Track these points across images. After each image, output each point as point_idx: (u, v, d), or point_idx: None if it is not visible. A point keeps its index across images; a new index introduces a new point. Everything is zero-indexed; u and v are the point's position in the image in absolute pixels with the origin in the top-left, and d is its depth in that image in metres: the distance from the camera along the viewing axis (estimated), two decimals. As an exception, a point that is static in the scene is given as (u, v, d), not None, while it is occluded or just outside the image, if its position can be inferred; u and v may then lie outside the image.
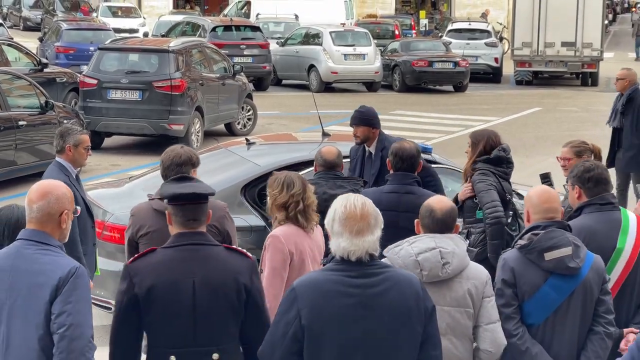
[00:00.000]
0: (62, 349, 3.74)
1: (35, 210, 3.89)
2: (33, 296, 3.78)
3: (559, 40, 25.43)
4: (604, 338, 4.44)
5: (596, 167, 4.94)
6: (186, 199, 3.99)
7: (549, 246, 4.36)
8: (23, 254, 3.85)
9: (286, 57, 25.46)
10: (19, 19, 46.34)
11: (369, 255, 3.61)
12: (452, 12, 41.73)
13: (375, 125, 7.17)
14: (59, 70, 18.02)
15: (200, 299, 3.92)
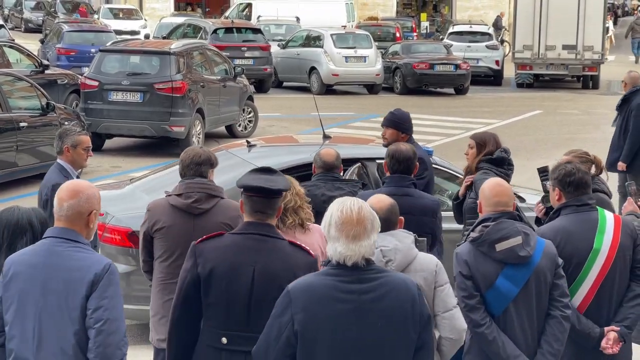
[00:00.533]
0: (99, 343, 3.82)
1: (65, 209, 3.95)
2: (70, 292, 3.85)
3: (560, 43, 25.43)
4: (562, 321, 4.54)
5: (577, 171, 4.99)
6: (253, 191, 4.15)
7: (499, 237, 4.47)
8: (55, 251, 3.91)
9: (287, 59, 25.47)
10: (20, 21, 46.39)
11: (365, 260, 3.58)
12: (454, 14, 41.75)
13: (404, 130, 7.02)
14: (60, 72, 18.03)
15: (258, 286, 4.08)
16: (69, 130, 6.40)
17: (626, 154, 10.29)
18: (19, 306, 3.93)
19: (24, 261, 3.94)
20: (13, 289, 3.93)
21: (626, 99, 10.47)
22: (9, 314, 3.95)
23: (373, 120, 20.06)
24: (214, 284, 4.09)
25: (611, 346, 4.86)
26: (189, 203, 5.31)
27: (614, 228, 4.90)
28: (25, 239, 4.09)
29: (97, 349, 3.83)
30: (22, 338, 3.93)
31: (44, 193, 6.20)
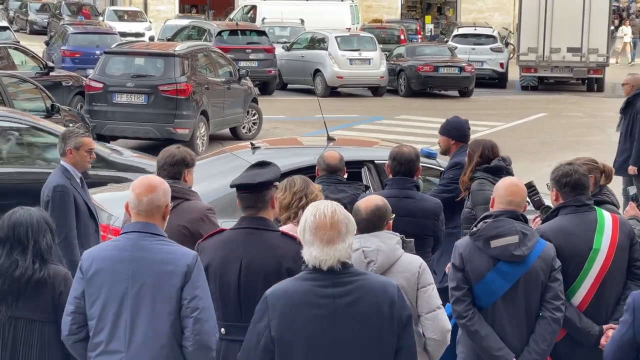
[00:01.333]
0: (197, 331, 3.99)
1: (145, 203, 4.10)
2: (163, 283, 4.00)
3: (564, 46, 25.40)
4: (551, 323, 4.67)
5: (574, 172, 5.04)
6: (239, 188, 4.39)
7: (495, 234, 4.61)
8: (142, 245, 4.06)
9: (292, 61, 25.47)
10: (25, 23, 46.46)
11: (341, 263, 3.57)
12: (458, 17, 41.73)
13: (455, 138, 7.08)
14: (65, 74, 18.05)
15: (245, 280, 4.30)
16: (72, 132, 6.41)
17: (635, 157, 10.25)
18: (107, 300, 4.02)
19: (109, 257, 4.06)
20: (97, 284, 4.03)
21: (630, 102, 10.45)
22: (95, 309, 4.04)
23: (377, 123, 20.05)
24: (210, 278, 4.28)
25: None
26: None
27: (612, 228, 4.96)
28: (47, 238, 4.12)
29: (195, 336, 3.99)
30: (112, 331, 4.02)
31: (46, 194, 6.21)
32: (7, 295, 4.05)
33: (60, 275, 4.11)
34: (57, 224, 6.04)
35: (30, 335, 4.07)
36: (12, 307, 4.06)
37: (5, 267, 4.06)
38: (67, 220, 6.16)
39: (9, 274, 4.04)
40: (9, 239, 4.09)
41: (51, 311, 4.07)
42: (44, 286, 4.07)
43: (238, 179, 4.44)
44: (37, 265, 4.07)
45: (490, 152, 6.45)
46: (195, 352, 4.02)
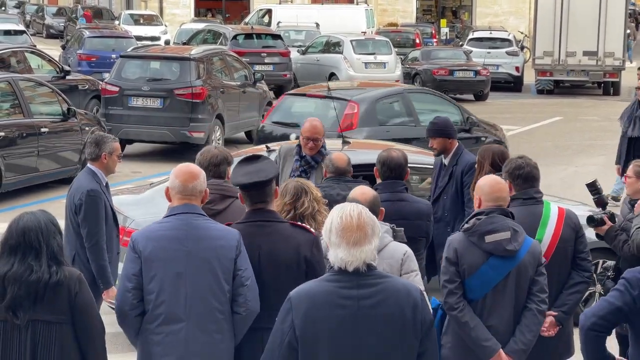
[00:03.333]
0: (250, 297, 4.41)
1: (191, 189, 4.53)
2: (220, 257, 4.40)
3: (580, 50, 25.33)
4: (536, 315, 4.90)
5: (527, 165, 5.40)
6: (248, 187, 4.52)
7: (489, 230, 4.81)
8: (194, 224, 4.46)
9: (307, 65, 25.50)
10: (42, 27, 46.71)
11: (366, 265, 3.59)
12: (473, 21, 41.68)
13: (451, 136, 7.15)
14: (81, 78, 18.13)
15: (265, 269, 4.44)
16: (105, 137, 6.41)
17: None
18: (165, 275, 4.38)
19: (164, 236, 4.44)
20: (156, 262, 4.39)
21: None
22: (154, 284, 4.38)
23: (392, 126, 20.01)
24: None
25: (547, 329, 5.22)
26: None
27: (557, 221, 5.30)
28: (57, 239, 4.14)
29: (247, 302, 4.40)
30: (172, 301, 4.37)
31: (77, 198, 6.21)
32: (24, 300, 4.07)
33: (74, 276, 4.13)
34: (90, 228, 6.10)
35: (48, 337, 4.09)
36: (29, 311, 4.08)
37: (20, 273, 4.07)
38: (100, 225, 6.20)
39: (24, 279, 4.05)
40: (20, 245, 4.10)
41: (68, 312, 4.09)
42: (60, 288, 4.09)
43: (244, 177, 4.53)
44: (53, 268, 4.08)
45: (501, 159, 6.45)
46: (246, 317, 4.43)
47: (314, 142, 6.86)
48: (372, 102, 12.06)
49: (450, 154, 7.17)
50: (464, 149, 7.26)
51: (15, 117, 12.44)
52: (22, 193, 12.34)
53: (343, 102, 11.68)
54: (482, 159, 6.49)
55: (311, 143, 6.87)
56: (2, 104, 12.66)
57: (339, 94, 11.92)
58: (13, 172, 12.06)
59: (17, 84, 12.56)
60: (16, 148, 12.15)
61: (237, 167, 4.64)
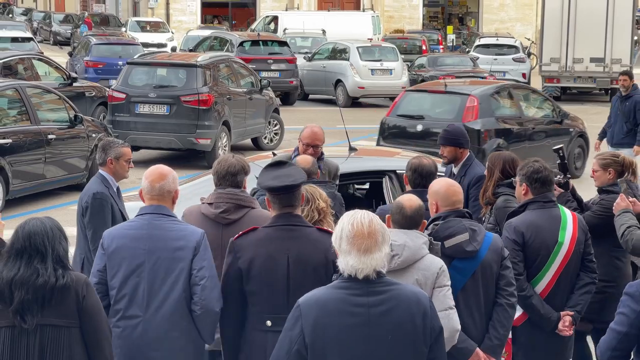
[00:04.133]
0: (204, 296, 4.59)
1: (158, 189, 4.78)
2: (176, 257, 4.64)
3: (587, 56, 25.29)
4: (507, 309, 4.96)
5: (544, 169, 5.55)
6: (279, 190, 4.54)
7: (447, 235, 4.87)
8: (156, 224, 4.72)
9: (313, 71, 25.52)
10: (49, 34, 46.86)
11: (376, 272, 3.58)
12: (480, 27, 41.69)
13: (462, 146, 7.06)
14: (88, 85, 18.17)
15: (294, 272, 4.48)
16: (112, 142, 6.44)
17: None
18: (126, 272, 4.65)
19: (128, 235, 4.72)
20: (118, 259, 4.67)
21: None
22: (115, 280, 4.64)
23: (399, 133, 20.00)
24: (254, 273, 4.49)
25: (568, 328, 5.42)
26: (217, 213, 5.37)
27: (573, 224, 5.48)
28: (63, 244, 4.14)
29: (202, 301, 4.59)
30: (131, 298, 4.64)
31: (84, 200, 6.27)
32: (32, 304, 4.07)
33: (81, 281, 4.13)
34: (94, 230, 6.14)
35: (57, 342, 4.09)
36: (37, 316, 4.08)
37: (26, 277, 4.07)
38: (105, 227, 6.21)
39: (32, 282, 4.06)
40: (26, 249, 4.10)
41: (75, 316, 4.09)
42: (67, 292, 4.09)
43: (274, 181, 4.55)
44: (59, 272, 4.08)
45: (511, 166, 6.41)
46: (202, 315, 4.62)
47: (313, 148, 6.86)
48: (488, 96, 13.70)
49: (460, 163, 7.10)
50: (474, 160, 7.16)
51: (22, 124, 12.47)
52: (29, 200, 12.36)
53: (464, 97, 13.39)
54: (493, 166, 6.42)
55: (311, 149, 6.86)
56: (10, 111, 12.69)
57: (457, 89, 13.88)
58: (20, 179, 12.08)
59: (24, 91, 12.58)
60: (23, 155, 12.17)
61: (265, 172, 4.68)
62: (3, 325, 4.08)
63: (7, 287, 4.05)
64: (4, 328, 4.08)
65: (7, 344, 4.07)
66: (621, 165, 6.15)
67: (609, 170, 6.14)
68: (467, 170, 7.04)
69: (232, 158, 5.56)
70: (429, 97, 14.25)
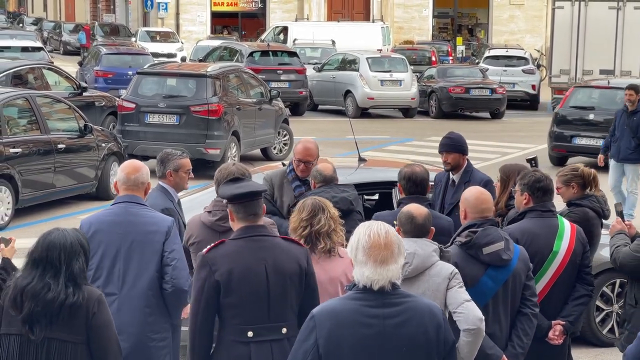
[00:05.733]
0: (175, 275, 5.11)
1: (133, 180, 5.34)
2: (149, 240, 5.12)
3: (597, 68, 25.23)
4: (531, 318, 5.10)
5: (545, 178, 5.65)
6: (244, 197, 4.54)
7: (486, 242, 4.95)
8: (131, 211, 5.24)
9: (323, 82, 25.54)
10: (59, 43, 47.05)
11: (391, 284, 3.58)
12: (489, 39, 41.68)
13: (464, 152, 7.12)
14: (98, 94, 18.22)
15: (273, 281, 4.48)
16: (170, 154, 6.28)
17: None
18: (103, 254, 5.11)
19: (105, 221, 5.22)
20: (96, 242, 5.07)
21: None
22: (93, 261, 5.03)
23: (408, 144, 20.01)
24: (233, 285, 4.42)
25: (557, 337, 5.49)
26: (213, 221, 5.50)
27: (570, 235, 5.53)
28: (80, 261, 4.12)
29: (172, 280, 5.09)
30: (107, 278, 5.10)
31: None
32: (41, 317, 4.06)
33: (94, 297, 4.11)
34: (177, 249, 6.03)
35: (63, 356, 4.09)
36: (46, 330, 4.07)
37: (38, 289, 4.07)
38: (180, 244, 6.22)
39: (42, 296, 4.05)
40: (42, 260, 4.10)
41: (84, 332, 4.08)
42: (78, 309, 4.07)
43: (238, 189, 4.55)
44: (70, 290, 4.06)
45: None
46: (172, 293, 5.12)
47: (305, 164, 6.88)
48: None
49: (461, 170, 7.11)
50: (473, 167, 7.23)
51: (32, 133, 12.49)
52: (39, 209, 12.37)
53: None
54: (507, 177, 6.44)
55: (302, 165, 6.89)
56: (20, 120, 12.72)
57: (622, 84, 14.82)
58: (30, 188, 12.09)
59: (34, 100, 12.61)
60: (33, 164, 12.19)
61: (226, 186, 4.69)
62: (13, 333, 4.10)
63: (19, 296, 4.06)
64: (14, 336, 4.10)
65: (15, 352, 4.08)
66: (582, 178, 6.20)
67: (571, 184, 6.18)
68: (471, 176, 7.07)
69: (233, 166, 5.65)
70: (595, 92, 17.36)
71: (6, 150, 11.74)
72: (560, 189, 6.26)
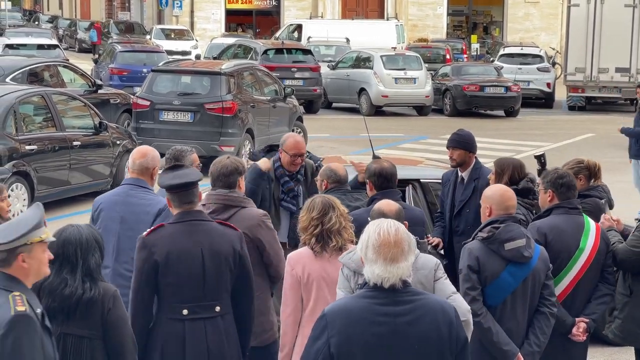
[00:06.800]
0: None
1: (138, 165, 5.75)
2: (143, 219, 5.52)
3: (612, 66, 25.14)
4: (549, 317, 5.15)
5: (567, 175, 5.70)
6: (178, 188, 4.88)
7: (508, 238, 5.01)
8: (131, 193, 5.70)
9: (337, 80, 25.53)
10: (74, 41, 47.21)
11: (402, 282, 3.57)
12: (504, 36, 41.55)
13: (472, 150, 7.11)
14: (113, 92, 18.26)
15: (209, 263, 4.80)
16: (182, 150, 6.33)
17: None
18: (104, 230, 5.49)
19: (108, 200, 5.75)
20: (100, 218, 5.68)
21: None
22: None
23: (422, 142, 19.99)
24: (171, 266, 4.78)
25: (581, 334, 5.50)
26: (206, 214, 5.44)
27: (595, 233, 5.58)
28: (96, 256, 4.15)
29: None
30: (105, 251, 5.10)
31: None
32: (58, 313, 4.09)
33: (109, 293, 4.14)
34: None
35: (79, 351, 4.11)
36: (62, 325, 4.10)
37: (55, 285, 4.10)
38: None
39: (59, 292, 4.08)
40: (58, 257, 4.13)
41: (99, 327, 4.11)
42: (94, 304, 4.10)
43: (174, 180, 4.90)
44: (87, 285, 4.10)
45: (519, 173, 6.47)
46: None
47: (300, 157, 6.97)
48: None
49: (469, 168, 7.10)
50: (482, 164, 7.21)
51: (47, 130, 12.55)
52: (54, 206, 12.42)
53: None
54: (502, 171, 6.50)
55: (299, 159, 6.96)
56: (35, 118, 12.78)
57: None
58: (45, 185, 12.15)
59: (50, 97, 12.66)
60: (48, 161, 12.24)
61: (164, 174, 5.05)
62: None
63: (36, 291, 4.09)
64: None
65: None
66: (588, 169, 6.37)
67: (579, 177, 6.27)
68: (480, 173, 7.07)
69: (227, 159, 5.73)
70: None
71: (22, 147, 11.80)
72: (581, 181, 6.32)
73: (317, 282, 4.98)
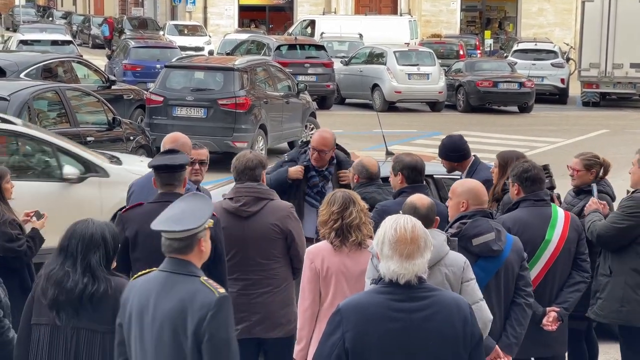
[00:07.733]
0: None
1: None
2: None
3: (627, 62, 25.03)
4: (525, 308, 5.15)
5: (533, 168, 5.72)
6: (160, 169, 5.13)
7: (475, 233, 5.01)
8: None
9: (350, 76, 25.51)
10: (88, 37, 47.34)
11: (417, 278, 3.57)
12: (518, 32, 41.42)
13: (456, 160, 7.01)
14: (126, 88, 18.29)
15: None
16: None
17: None
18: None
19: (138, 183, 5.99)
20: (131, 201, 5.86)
21: None
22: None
23: (435, 138, 19.94)
24: (139, 243, 5.09)
25: (551, 324, 5.55)
26: (237, 207, 5.59)
27: (564, 223, 5.61)
28: (99, 254, 4.16)
29: None
30: None
31: None
32: (65, 305, 4.12)
33: (123, 287, 4.15)
34: None
35: (92, 345, 4.13)
36: (74, 318, 4.12)
37: (59, 277, 4.13)
38: None
39: (63, 284, 4.11)
40: (64, 248, 4.17)
41: (112, 322, 4.12)
42: (105, 299, 4.11)
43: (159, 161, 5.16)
44: (86, 280, 4.10)
45: None
46: None
47: (319, 153, 6.92)
48: None
49: (466, 171, 7.06)
50: (479, 165, 7.09)
51: (61, 125, 12.57)
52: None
53: None
54: (505, 163, 6.46)
55: (316, 154, 6.94)
56: (50, 113, 12.81)
57: None
58: (59, 181, 12.16)
59: (64, 93, 12.68)
60: (62, 156, 12.25)
61: (158, 156, 5.28)
62: (43, 323, 4.17)
63: (45, 281, 4.14)
64: (44, 326, 4.17)
65: (46, 342, 4.14)
66: (602, 166, 6.47)
67: (592, 170, 6.40)
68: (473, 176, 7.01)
69: (250, 154, 5.83)
70: None
71: (36, 142, 11.82)
72: (580, 171, 6.40)
73: (336, 275, 4.98)
